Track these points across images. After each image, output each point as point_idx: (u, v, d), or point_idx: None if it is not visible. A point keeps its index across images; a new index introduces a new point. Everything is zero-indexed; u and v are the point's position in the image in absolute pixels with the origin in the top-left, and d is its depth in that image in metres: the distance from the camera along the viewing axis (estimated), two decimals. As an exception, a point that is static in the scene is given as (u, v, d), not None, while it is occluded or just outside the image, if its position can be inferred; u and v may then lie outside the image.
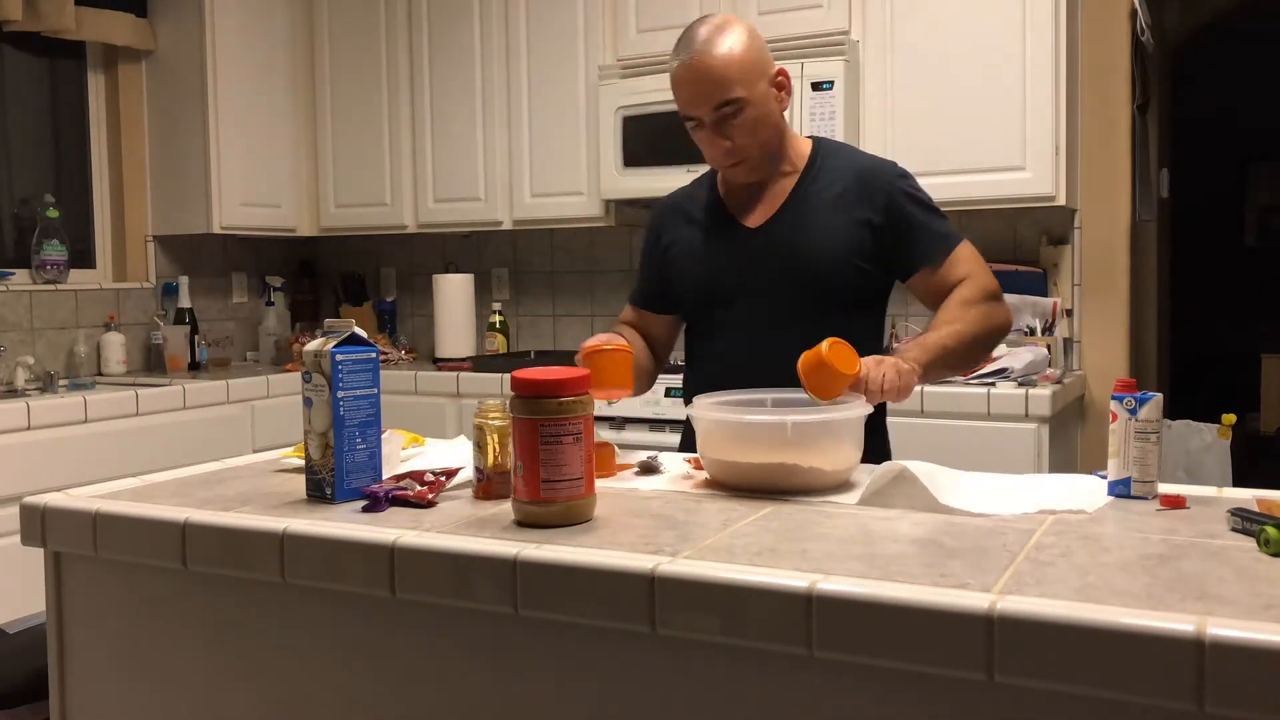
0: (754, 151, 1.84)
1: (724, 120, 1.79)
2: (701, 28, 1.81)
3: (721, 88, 1.77)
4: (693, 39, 1.79)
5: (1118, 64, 3.34)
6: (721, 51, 1.77)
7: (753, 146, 1.83)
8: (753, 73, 1.79)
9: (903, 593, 1.01)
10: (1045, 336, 3.26)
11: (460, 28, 3.91)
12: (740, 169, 1.87)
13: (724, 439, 1.52)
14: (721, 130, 1.80)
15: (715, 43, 1.77)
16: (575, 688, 1.20)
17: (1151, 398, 1.42)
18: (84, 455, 3.08)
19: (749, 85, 1.79)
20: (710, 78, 1.77)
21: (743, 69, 1.78)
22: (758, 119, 1.81)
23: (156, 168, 4.02)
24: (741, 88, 1.78)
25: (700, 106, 1.79)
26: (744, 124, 1.80)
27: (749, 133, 1.81)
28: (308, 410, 1.49)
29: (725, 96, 1.77)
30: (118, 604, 1.51)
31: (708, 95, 1.78)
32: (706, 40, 1.78)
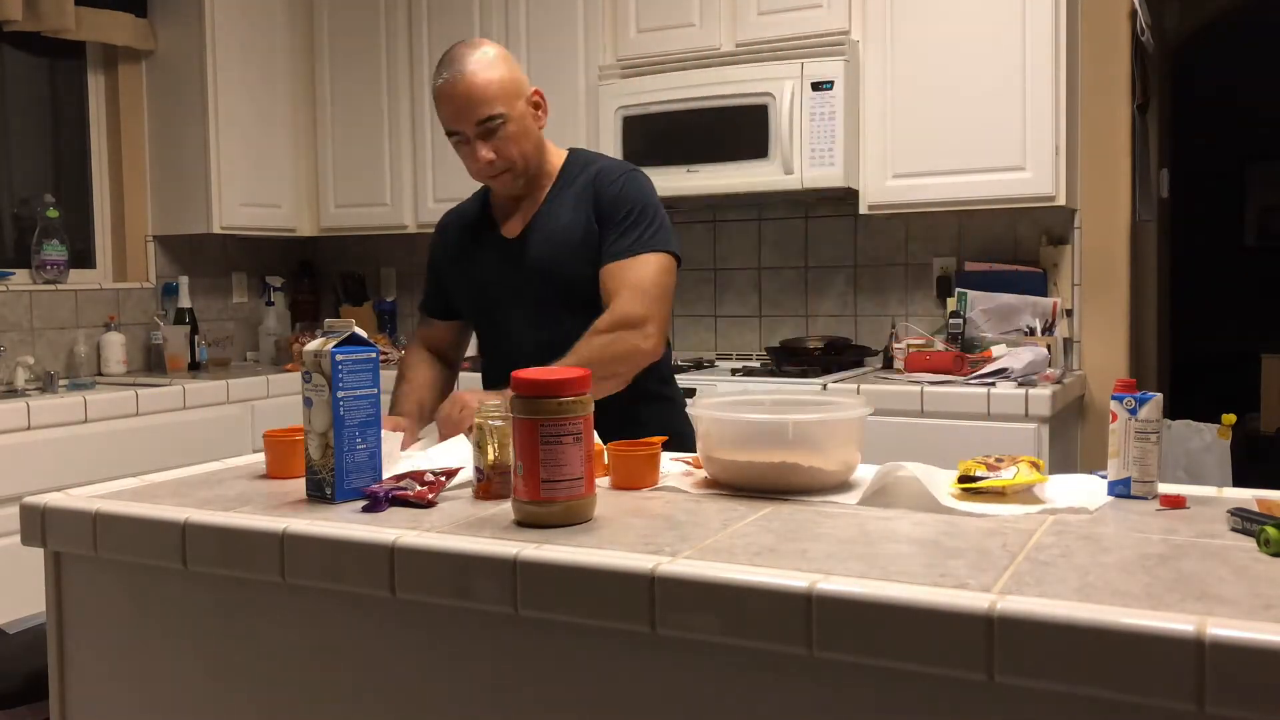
0: (516, 161, 1.98)
1: (487, 134, 1.94)
2: (463, 49, 1.96)
3: (482, 104, 1.92)
4: (455, 60, 1.94)
5: (1118, 64, 3.34)
6: (482, 72, 1.93)
7: (514, 157, 1.98)
8: (511, 92, 1.96)
9: (903, 593, 1.01)
10: (1045, 336, 3.26)
11: (460, 28, 3.91)
12: (504, 179, 2.01)
13: (724, 438, 1.52)
14: (487, 143, 1.95)
15: (478, 64, 1.93)
16: (575, 688, 1.20)
17: (1151, 398, 1.42)
18: (84, 455, 3.08)
19: (508, 103, 1.94)
20: (470, 95, 1.91)
21: (502, 87, 1.93)
22: (517, 133, 1.97)
23: (156, 168, 4.02)
24: (501, 104, 1.93)
25: (464, 122, 1.94)
26: (505, 137, 1.95)
27: (510, 144, 1.96)
28: (308, 410, 1.49)
29: (487, 113, 1.92)
30: (118, 604, 1.51)
31: (472, 112, 1.93)
32: (469, 61, 1.93)
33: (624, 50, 3.61)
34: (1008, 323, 3.32)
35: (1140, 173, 3.49)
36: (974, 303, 3.34)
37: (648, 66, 3.52)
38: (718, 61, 3.40)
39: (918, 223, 3.54)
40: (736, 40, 3.43)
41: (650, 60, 3.53)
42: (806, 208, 3.71)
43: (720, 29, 3.45)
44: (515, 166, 1.99)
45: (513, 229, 2.07)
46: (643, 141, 3.47)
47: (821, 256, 3.72)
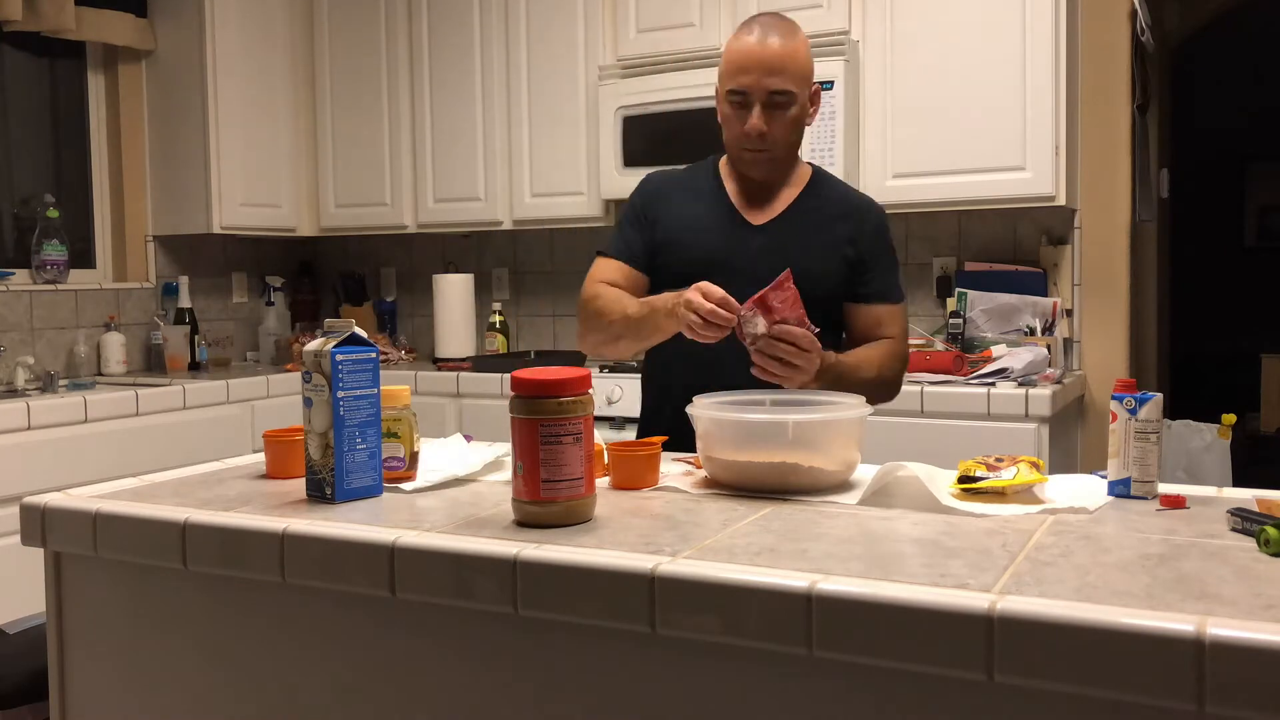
0: (780, 146, 1.94)
1: (772, 107, 1.89)
2: (772, 20, 1.93)
3: (783, 76, 1.88)
4: (769, 25, 1.91)
5: (1118, 64, 3.34)
6: (793, 45, 1.90)
7: (782, 141, 1.94)
8: (807, 76, 1.93)
9: (903, 593, 1.01)
10: (1045, 336, 3.26)
11: (460, 28, 3.91)
12: (760, 158, 1.95)
13: (724, 438, 1.52)
14: (766, 114, 1.90)
15: (787, 36, 1.89)
16: (575, 688, 1.20)
17: (1151, 398, 1.42)
18: (84, 455, 3.08)
19: (802, 85, 1.92)
20: (778, 62, 1.87)
21: (804, 68, 1.92)
22: (798, 117, 1.93)
23: (156, 168, 4.02)
24: (797, 83, 1.90)
25: (757, 85, 1.88)
26: (788, 117, 1.92)
27: (787, 126, 1.93)
28: (308, 410, 1.49)
29: (783, 85, 1.89)
30: (118, 604, 1.51)
31: (769, 77, 1.88)
32: (779, 32, 1.89)
33: (624, 50, 3.61)
34: (1008, 323, 3.32)
35: (1140, 173, 3.49)
36: (974, 303, 3.34)
37: (648, 66, 3.52)
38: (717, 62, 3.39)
39: (918, 223, 3.54)
40: (736, 40, 3.43)
41: (650, 60, 3.53)
42: (806, 208, 3.70)
43: (720, 29, 3.45)
44: (777, 149, 1.94)
45: (759, 217, 1.99)
46: (643, 141, 3.47)
47: (821, 256, 3.71)
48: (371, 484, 1.50)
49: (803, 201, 2.00)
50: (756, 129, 1.89)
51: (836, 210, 2.01)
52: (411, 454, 1.59)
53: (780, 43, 1.88)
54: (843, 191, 2.07)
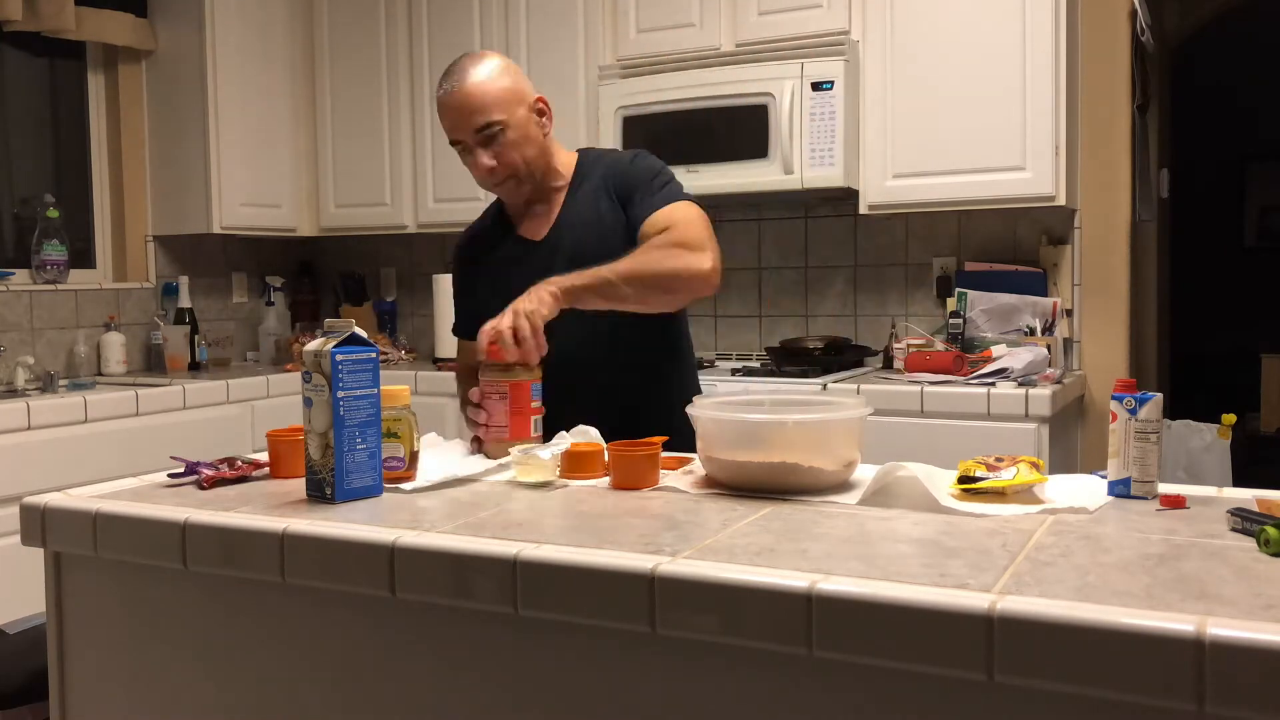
0: (519, 168, 2.00)
1: (487, 142, 1.97)
2: (465, 61, 2.01)
3: (479, 112, 1.95)
4: (455, 71, 1.99)
5: (1118, 64, 3.34)
6: (480, 80, 1.96)
7: (516, 163, 2.00)
8: (510, 99, 1.98)
9: (903, 593, 1.01)
10: (1045, 336, 3.26)
11: (460, 28, 3.91)
12: (509, 186, 2.04)
13: (725, 438, 1.52)
14: (488, 150, 1.97)
15: (474, 74, 1.97)
16: (575, 688, 1.20)
17: (1151, 398, 1.42)
18: (84, 455, 3.08)
19: (507, 109, 1.97)
20: (470, 105, 1.95)
21: (500, 95, 1.97)
22: (519, 140, 1.99)
23: (156, 168, 4.02)
24: (499, 111, 1.96)
25: (464, 131, 1.97)
26: (505, 144, 1.98)
27: (511, 151, 1.98)
28: (308, 410, 1.49)
29: (484, 119, 1.96)
30: (118, 604, 1.51)
31: (470, 120, 1.96)
32: (468, 72, 1.97)
33: (624, 50, 3.61)
34: (1008, 323, 3.32)
35: (1140, 173, 3.49)
36: (974, 303, 3.34)
37: (648, 66, 3.52)
38: (718, 61, 3.40)
39: (918, 223, 3.54)
40: (736, 40, 3.43)
41: (650, 60, 3.53)
42: (806, 208, 3.71)
43: (720, 29, 3.45)
44: (519, 172, 2.01)
45: (537, 231, 2.08)
46: (643, 141, 3.46)
47: (821, 256, 3.72)
48: (371, 484, 1.50)
49: (571, 196, 2.07)
50: (486, 168, 1.98)
51: (598, 187, 2.05)
52: (411, 454, 1.59)
53: (466, 83, 1.95)
54: (604, 160, 2.10)
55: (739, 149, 3.31)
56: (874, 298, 3.63)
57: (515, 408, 1.76)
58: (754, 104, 3.28)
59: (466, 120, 1.96)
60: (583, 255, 1.96)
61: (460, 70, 1.98)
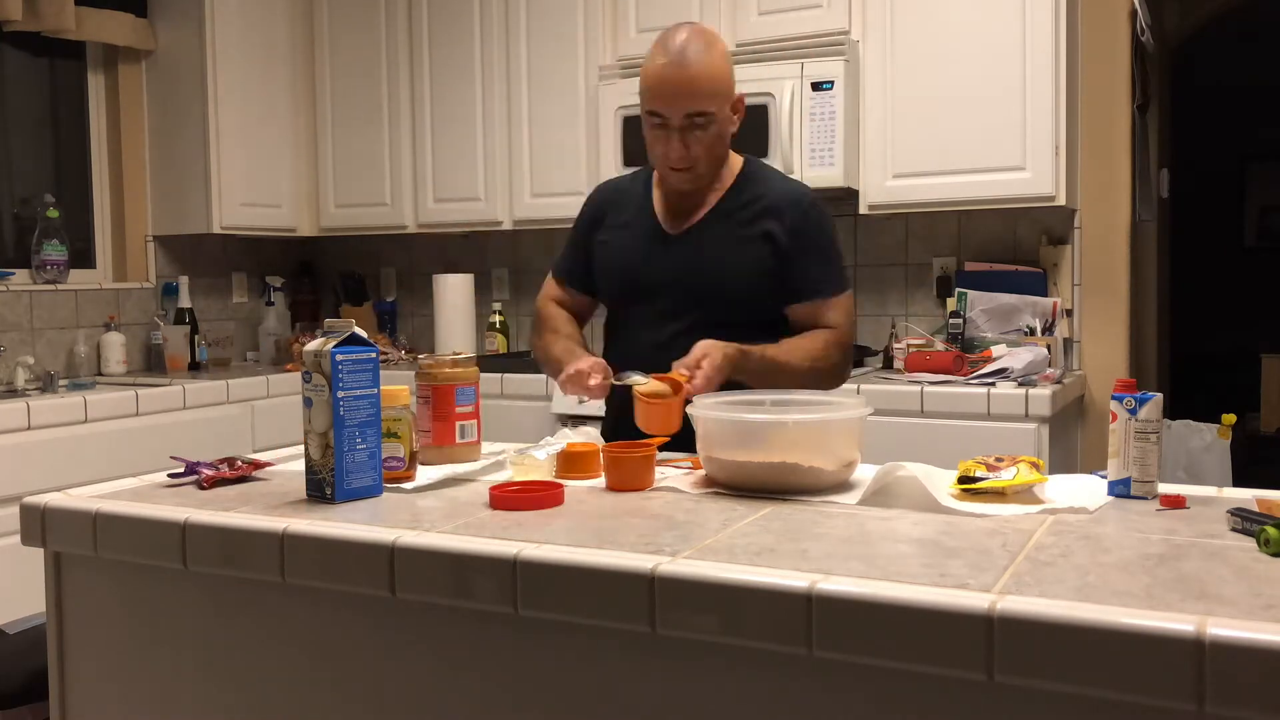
0: (703, 164, 1.92)
1: (690, 129, 1.87)
2: (689, 35, 1.86)
3: (699, 98, 1.85)
4: (681, 44, 1.85)
5: (1118, 64, 3.34)
6: (707, 64, 1.85)
7: (704, 159, 1.92)
8: (725, 91, 1.89)
9: (903, 593, 1.01)
10: (1045, 336, 3.25)
11: (460, 28, 3.91)
12: (686, 176, 1.94)
13: (725, 438, 1.52)
14: (684, 136, 1.88)
15: (704, 54, 1.85)
16: (575, 687, 1.20)
17: (1151, 398, 1.42)
18: (84, 455, 3.08)
19: (720, 103, 1.88)
20: (692, 86, 1.84)
21: (721, 85, 1.87)
22: (718, 136, 1.91)
23: (156, 168, 4.02)
24: (714, 103, 1.87)
25: (674, 110, 1.86)
26: (707, 137, 1.89)
27: (708, 146, 1.90)
28: (308, 410, 1.49)
29: (700, 107, 1.85)
30: (118, 604, 1.51)
31: (686, 102, 1.84)
32: (695, 49, 1.84)
33: (624, 50, 3.61)
34: (1008, 323, 3.32)
35: (1140, 173, 3.49)
36: (974, 303, 3.34)
37: (648, 66, 3.52)
38: (718, 61, 3.40)
39: (918, 223, 3.54)
40: (736, 40, 3.43)
41: (650, 60, 3.53)
42: (806, 208, 3.70)
43: (720, 29, 3.45)
44: (699, 168, 1.92)
45: (675, 224, 1.99)
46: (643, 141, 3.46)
47: (821, 256, 3.71)
48: (371, 484, 1.50)
49: (724, 204, 1.97)
50: (678, 154, 1.89)
51: (759, 208, 1.95)
52: (411, 454, 1.59)
53: (695, 63, 1.83)
54: (769, 187, 1.99)
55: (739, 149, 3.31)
56: (874, 298, 3.63)
57: (438, 413, 1.72)
58: (754, 104, 3.27)
59: (682, 101, 1.84)
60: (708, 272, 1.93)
61: (689, 43, 1.84)
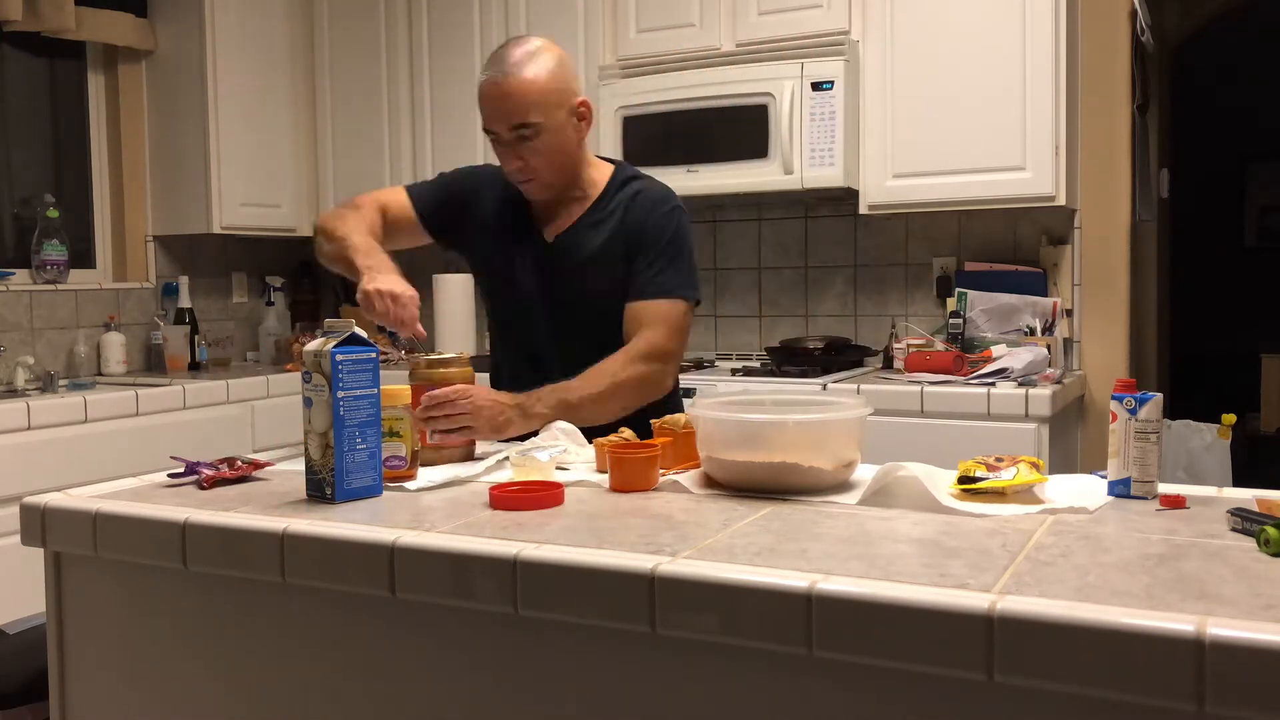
0: (545, 173, 1.94)
1: (520, 140, 1.89)
2: (514, 49, 1.89)
3: (519, 111, 1.87)
4: (503, 58, 1.88)
5: (1118, 64, 3.34)
6: (525, 76, 1.86)
7: (544, 168, 1.93)
8: (551, 101, 1.89)
9: (903, 593, 1.01)
10: (1045, 336, 3.26)
11: (460, 28, 3.91)
12: (531, 186, 1.96)
13: (725, 438, 1.52)
14: (516, 149, 1.90)
15: (522, 66, 1.87)
16: (575, 688, 1.20)
17: (1151, 398, 1.42)
18: (84, 455, 3.08)
19: (546, 112, 1.88)
20: (511, 100, 1.87)
21: (543, 96, 1.87)
22: (552, 145, 1.91)
23: (156, 168, 4.02)
24: (538, 113, 1.87)
25: (499, 124, 1.89)
26: (537, 147, 1.90)
27: (541, 155, 1.91)
28: (308, 410, 1.49)
29: (522, 119, 1.87)
30: (118, 604, 1.51)
31: (507, 115, 1.88)
32: (515, 63, 1.87)
33: (624, 50, 3.61)
34: (1008, 323, 3.32)
35: (1140, 173, 3.49)
36: (974, 303, 3.34)
37: (648, 66, 3.52)
38: (718, 61, 3.40)
39: (918, 223, 3.54)
40: (736, 40, 3.43)
41: (650, 60, 3.53)
42: (806, 208, 3.71)
43: (720, 29, 3.45)
44: (541, 177, 1.93)
45: (551, 232, 2.02)
46: (643, 141, 3.47)
47: (821, 256, 3.72)
48: (371, 484, 1.50)
49: (588, 216, 2.00)
50: (514, 166, 1.91)
51: (618, 222, 1.98)
52: (412, 453, 1.59)
53: (512, 76, 1.85)
54: (631, 195, 2.00)
55: (739, 149, 3.31)
56: (874, 298, 3.63)
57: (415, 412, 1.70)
58: (754, 104, 3.28)
59: (503, 115, 1.87)
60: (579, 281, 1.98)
61: (507, 58, 1.87)
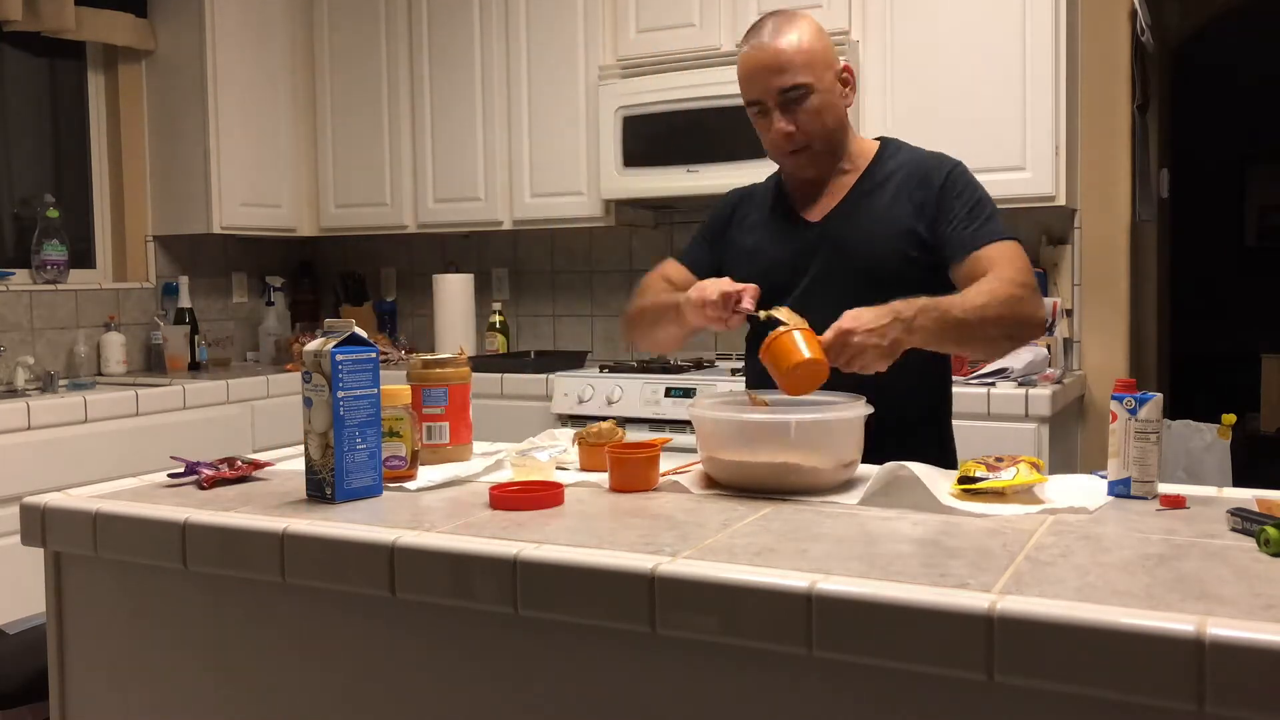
0: (817, 139, 1.87)
1: (789, 105, 1.83)
2: (770, 19, 1.87)
3: (788, 73, 1.82)
4: (762, 28, 1.86)
5: (1118, 64, 3.34)
6: (790, 39, 1.83)
7: (816, 133, 1.86)
8: (819, 62, 1.84)
9: (903, 593, 1.01)
10: (1045, 336, 3.25)
11: (460, 28, 3.91)
12: (802, 157, 1.89)
13: (725, 438, 1.52)
14: (786, 114, 1.84)
15: (784, 31, 1.83)
16: (575, 688, 1.20)
17: (1151, 398, 1.42)
18: (84, 455, 3.08)
19: (815, 73, 1.83)
20: (778, 63, 1.81)
21: (810, 56, 1.83)
22: (822, 106, 1.85)
23: (156, 168, 4.02)
24: (808, 73, 1.82)
25: (766, 90, 1.83)
26: (809, 110, 1.84)
27: (814, 118, 1.85)
28: (308, 410, 1.49)
29: (792, 81, 1.82)
30: (118, 604, 1.51)
31: (775, 79, 1.82)
32: (775, 29, 1.84)
33: (624, 50, 3.61)
34: (1008, 323, 3.32)
35: (1140, 173, 3.49)
36: (974, 303, 3.33)
37: (648, 66, 3.52)
38: (718, 61, 3.40)
39: (918, 223, 3.53)
40: (736, 40, 3.41)
41: (650, 60, 3.53)
42: (806, 208, 3.70)
43: (720, 29, 3.45)
44: (814, 143, 1.87)
45: (815, 213, 1.94)
46: (643, 141, 3.47)
47: (821, 256, 3.71)
48: (371, 484, 1.50)
49: (861, 185, 1.92)
50: (781, 133, 1.85)
51: (899, 185, 1.90)
52: (413, 453, 1.59)
53: (779, 39, 1.82)
54: (907, 159, 1.94)
55: (739, 149, 3.30)
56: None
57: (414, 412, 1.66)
58: (754, 104, 3.28)
59: (771, 79, 1.82)
60: (858, 252, 1.87)
61: (769, 26, 1.85)
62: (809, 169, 1.91)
